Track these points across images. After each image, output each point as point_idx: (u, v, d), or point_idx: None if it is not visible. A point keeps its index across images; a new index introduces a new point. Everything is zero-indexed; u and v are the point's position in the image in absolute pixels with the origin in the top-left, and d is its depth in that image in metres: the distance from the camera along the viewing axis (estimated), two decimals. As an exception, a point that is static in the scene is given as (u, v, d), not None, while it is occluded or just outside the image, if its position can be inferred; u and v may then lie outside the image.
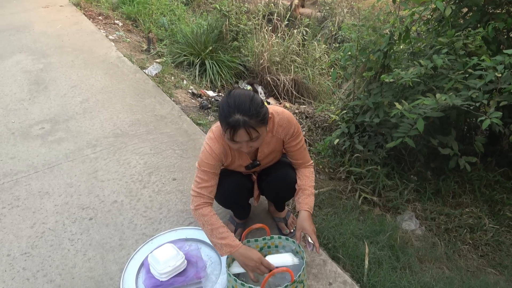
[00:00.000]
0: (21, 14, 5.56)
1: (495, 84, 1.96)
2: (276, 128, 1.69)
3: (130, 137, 2.90)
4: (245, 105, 1.44)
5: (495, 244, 2.18)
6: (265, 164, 1.84)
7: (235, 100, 1.45)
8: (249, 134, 1.46)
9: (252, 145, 1.53)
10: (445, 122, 2.31)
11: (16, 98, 3.44)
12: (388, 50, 2.41)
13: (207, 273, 1.79)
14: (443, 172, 2.51)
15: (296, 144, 1.74)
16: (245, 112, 1.43)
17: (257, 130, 1.47)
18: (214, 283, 1.74)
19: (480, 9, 2.33)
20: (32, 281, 1.84)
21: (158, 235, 1.97)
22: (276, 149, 1.78)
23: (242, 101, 1.44)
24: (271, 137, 1.71)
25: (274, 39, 4.58)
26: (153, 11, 5.46)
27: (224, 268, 1.76)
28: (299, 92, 4.48)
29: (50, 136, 2.92)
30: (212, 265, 1.84)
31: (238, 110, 1.43)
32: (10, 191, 2.41)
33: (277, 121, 1.68)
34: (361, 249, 1.97)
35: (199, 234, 1.97)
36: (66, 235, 2.08)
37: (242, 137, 1.46)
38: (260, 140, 1.53)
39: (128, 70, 3.93)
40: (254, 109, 1.44)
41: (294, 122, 1.71)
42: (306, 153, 1.81)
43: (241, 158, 1.74)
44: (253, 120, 1.44)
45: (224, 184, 1.77)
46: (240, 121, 1.43)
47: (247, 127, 1.44)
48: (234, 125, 1.43)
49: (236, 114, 1.43)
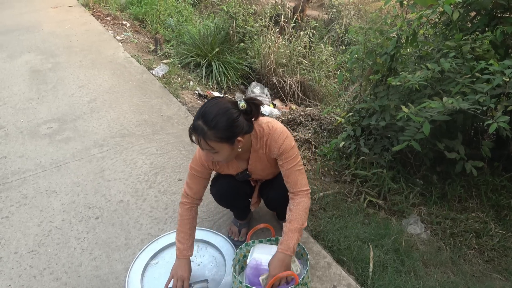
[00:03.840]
0: (31, 14, 5.62)
1: (502, 89, 1.95)
2: (267, 146, 1.62)
3: (137, 137, 2.92)
4: (210, 115, 1.40)
5: (501, 250, 2.16)
6: (263, 177, 1.83)
7: (206, 107, 1.43)
8: (201, 144, 1.45)
9: (213, 157, 1.50)
10: (452, 126, 2.30)
11: (25, 98, 3.48)
12: (395, 53, 2.40)
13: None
14: (449, 176, 2.50)
15: (285, 164, 1.60)
16: (206, 121, 1.41)
17: (211, 144, 1.43)
18: (218, 284, 1.74)
19: (488, 13, 2.32)
20: (38, 278, 1.86)
21: (163, 235, 1.98)
22: (270, 166, 1.71)
23: (210, 111, 1.41)
24: (263, 154, 1.65)
25: (281, 41, 4.59)
26: (160, 12, 5.50)
27: (229, 269, 1.76)
28: (305, 94, 4.49)
29: (58, 136, 2.95)
30: (217, 266, 1.85)
31: (201, 117, 1.42)
32: (18, 189, 2.43)
33: (266, 139, 1.60)
34: (366, 252, 1.97)
35: (204, 235, 1.98)
36: (72, 233, 2.10)
37: (201, 144, 1.45)
38: (220, 155, 1.49)
39: (135, 71, 3.96)
40: (216, 123, 1.40)
41: (281, 142, 1.58)
42: (301, 177, 1.62)
43: (232, 166, 1.72)
44: (210, 132, 1.41)
45: (219, 184, 1.80)
46: (198, 128, 1.42)
47: (202, 136, 1.42)
48: (193, 128, 1.44)
49: (199, 120, 1.42)
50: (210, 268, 1.84)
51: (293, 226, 1.54)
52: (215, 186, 1.84)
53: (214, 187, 1.85)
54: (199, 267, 1.85)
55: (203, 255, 1.91)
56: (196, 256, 1.90)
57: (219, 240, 1.95)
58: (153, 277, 1.80)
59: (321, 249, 1.97)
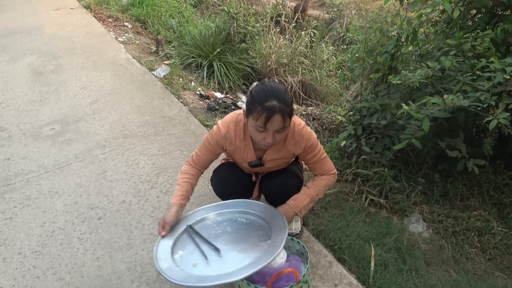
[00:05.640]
0: (33, 17, 5.65)
1: (504, 87, 1.95)
2: (289, 140, 1.68)
3: (139, 138, 2.93)
4: (281, 93, 1.49)
5: (503, 248, 2.16)
6: (269, 169, 1.85)
7: (272, 87, 1.49)
8: (284, 121, 1.48)
9: (276, 137, 1.54)
10: (453, 124, 2.30)
11: (28, 99, 3.50)
12: (395, 52, 2.40)
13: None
14: (451, 174, 2.49)
15: (312, 157, 1.73)
16: (281, 99, 1.47)
17: (289, 119, 1.50)
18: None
19: (489, 10, 2.31)
20: (42, 279, 1.87)
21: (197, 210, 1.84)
22: (284, 158, 1.77)
23: (278, 90, 1.49)
24: (282, 146, 1.70)
25: (282, 41, 4.59)
26: (161, 13, 5.51)
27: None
28: (307, 94, 4.49)
29: (60, 137, 2.97)
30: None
31: (275, 97, 1.46)
32: (21, 190, 2.45)
33: (291, 133, 1.67)
34: (367, 251, 1.97)
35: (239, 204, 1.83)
36: (75, 234, 2.11)
37: (276, 124, 1.48)
38: (285, 133, 1.56)
39: (137, 72, 3.97)
40: (289, 99, 1.50)
41: (307, 137, 1.68)
42: (326, 163, 1.77)
43: (247, 153, 1.74)
44: (288, 108, 1.48)
45: (220, 174, 1.84)
46: (277, 107, 1.45)
47: (284, 114, 1.47)
48: (271, 110, 1.45)
49: (273, 100, 1.46)
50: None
51: (309, 191, 1.66)
52: (215, 176, 1.86)
53: (214, 177, 1.86)
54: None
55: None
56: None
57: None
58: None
59: (322, 248, 1.98)
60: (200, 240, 1.65)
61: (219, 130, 1.69)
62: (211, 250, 1.59)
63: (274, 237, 1.55)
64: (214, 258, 1.56)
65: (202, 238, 1.65)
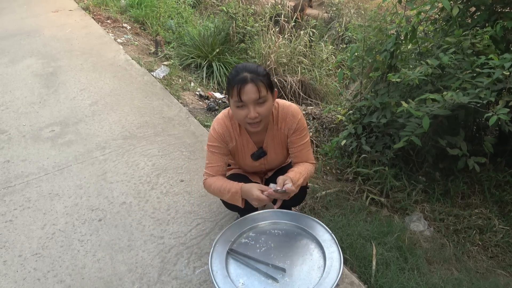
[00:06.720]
0: (32, 19, 5.65)
1: (504, 84, 1.94)
2: (280, 121, 1.70)
3: (138, 139, 2.93)
4: (253, 66, 1.53)
5: (505, 246, 2.15)
6: (273, 161, 1.85)
7: (245, 65, 1.54)
8: (258, 90, 1.49)
9: (259, 111, 1.53)
10: (454, 122, 2.29)
11: (27, 102, 3.50)
12: (394, 50, 2.40)
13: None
14: (452, 172, 2.49)
15: (298, 140, 1.72)
16: (252, 70, 1.51)
17: (263, 91, 1.51)
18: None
19: (488, 8, 2.31)
20: (43, 281, 1.87)
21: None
22: (283, 143, 1.78)
23: (250, 65, 1.54)
24: (277, 130, 1.73)
25: (281, 41, 4.59)
26: (160, 14, 5.51)
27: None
28: (306, 93, 4.48)
29: (60, 139, 2.96)
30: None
31: (246, 70, 1.51)
32: (21, 192, 2.45)
33: (281, 114, 1.69)
34: (369, 250, 1.97)
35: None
36: (76, 236, 2.11)
37: (250, 93, 1.49)
38: (267, 106, 1.55)
39: (136, 73, 3.97)
40: (262, 70, 1.53)
41: (299, 117, 1.70)
42: (310, 154, 1.78)
43: (248, 145, 1.76)
44: (261, 77, 1.51)
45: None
46: (248, 77, 1.49)
47: (256, 82, 1.49)
48: (242, 80, 1.49)
49: (244, 72, 1.50)
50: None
51: (295, 171, 1.64)
52: None
53: None
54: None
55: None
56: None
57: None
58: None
59: (323, 247, 1.97)
60: (251, 261, 1.49)
61: (215, 130, 1.70)
62: (270, 269, 1.46)
63: (321, 242, 1.54)
64: (280, 277, 1.43)
65: (253, 259, 1.49)
